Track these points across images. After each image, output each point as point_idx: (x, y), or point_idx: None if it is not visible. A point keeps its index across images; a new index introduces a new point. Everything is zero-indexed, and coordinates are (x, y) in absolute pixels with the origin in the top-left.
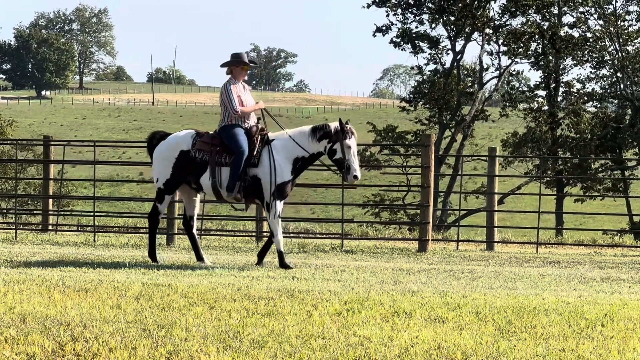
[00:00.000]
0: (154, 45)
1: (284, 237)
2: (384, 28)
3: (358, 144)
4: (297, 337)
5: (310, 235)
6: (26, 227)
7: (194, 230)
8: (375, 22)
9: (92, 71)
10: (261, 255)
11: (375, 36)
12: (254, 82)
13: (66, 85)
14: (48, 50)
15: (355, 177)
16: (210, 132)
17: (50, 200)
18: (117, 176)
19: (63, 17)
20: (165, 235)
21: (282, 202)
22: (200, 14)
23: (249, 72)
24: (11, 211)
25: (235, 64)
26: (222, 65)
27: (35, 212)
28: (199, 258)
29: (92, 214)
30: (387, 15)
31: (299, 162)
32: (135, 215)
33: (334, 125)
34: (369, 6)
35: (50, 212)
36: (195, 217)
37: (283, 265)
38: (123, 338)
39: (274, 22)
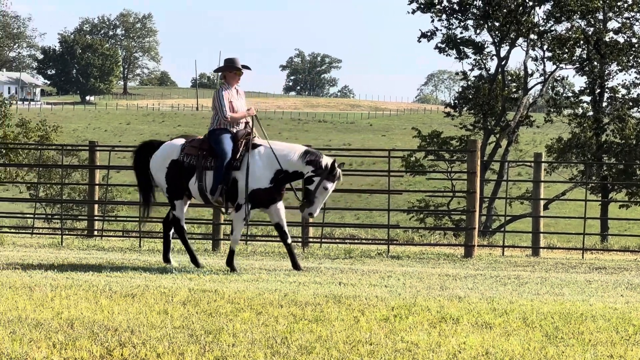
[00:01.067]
0: (198, 50)
1: (330, 243)
2: (428, 34)
3: (403, 149)
4: (344, 342)
5: (356, 241)
6: (72, 233)
7: (171, 233)
8: (420, 27)
9: (137, 76)
10: (294, 263)
11: (420, 42)
12: (299, 87)
13: (110, 91)
14: (92, 56)
15: (311, 214)
16: (200, 137)
17: (96, 206)
18: None
19: (107, 23)
20: (211, 241)
21: (278, 205)
22: (244, 19)
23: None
24: (56, 216)
25: (229, 70)
26: (216, 71)
27: (80, 217)
28: (166, 260)
29: (137, 219)
30: (432, 21)
31: (282, 174)
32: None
33: (326, 160)
34: (414, 12)
35: (96, 218)
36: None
37: (230, 264)
38: (170, 344)
39: (318, 27)
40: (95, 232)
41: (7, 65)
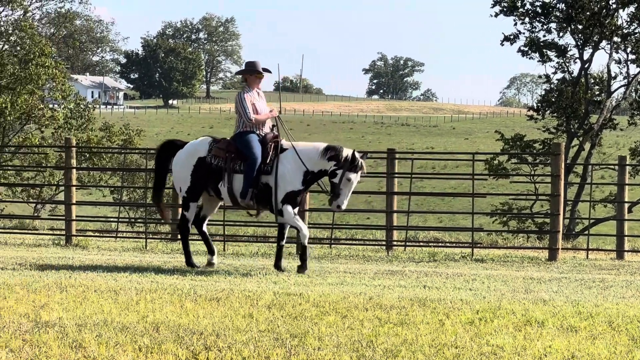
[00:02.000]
0: (281, 54)
1: (414, 246)
2: (511, 37)
3: (486, 153)
4: (430, 346)
5: (440, 244)
6: (156, 236)
7: (204, 229)
8: (503, 31)
9: (219, 80)
10: (276, 263)
11: (503, 45)
12: (382, 91)
13: (193, 94)
14: (175, 60)
15: (339, 207)
16: (227, 138)
17: (180, 209)
18: None
19: (190, 27)
20: (295, 245)
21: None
22: (327, 23)
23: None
24: (140, 220)
25: (249, 73)
26: (237, 74)
27: (163, 221)
28: (211, 252)
29: (221, 223)
30: (515, 24)
31: (309, 175)
32: (264, 224)
33: (346, 152)
34: (496, 15)
35: None
36: (207, 218)
37: (303, 261)
38: (256, 347)
39: (401, 31)
40: (179, 236)
41: (91, 69)
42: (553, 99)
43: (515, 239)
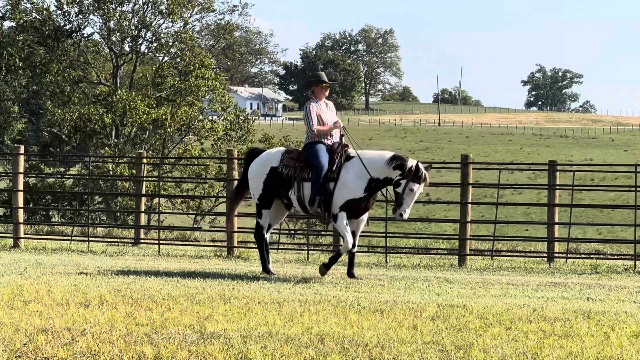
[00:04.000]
0: (440, 65)
1: (575, 258)
2: None
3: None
4: (595, 359)
5: (601, 256)
6: (317, 248)
7: (267, 237)
8: None
9: (378, 92)
10: (349, 270)
11: None
12: (540, 103)
13: (352, 106)
14: (334, 71)
15: (401, 215)
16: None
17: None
18: None
19: (349, 38)
20: (457, 256)
21: (363, 217)
22: (485, 34)
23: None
24: (301, 232)
25: (315, 84)
26: (304, 87)
27: (324, 233)
28: (266, 270)
29: (383, 235)
30: None
31: (374, 182)
32: (423, 235)
33: (411, 162)
34: None
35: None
36: (272, 227)
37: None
38: (421, 359)
39: (560, 42)
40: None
41: (250, 81)
42: None
43: None
